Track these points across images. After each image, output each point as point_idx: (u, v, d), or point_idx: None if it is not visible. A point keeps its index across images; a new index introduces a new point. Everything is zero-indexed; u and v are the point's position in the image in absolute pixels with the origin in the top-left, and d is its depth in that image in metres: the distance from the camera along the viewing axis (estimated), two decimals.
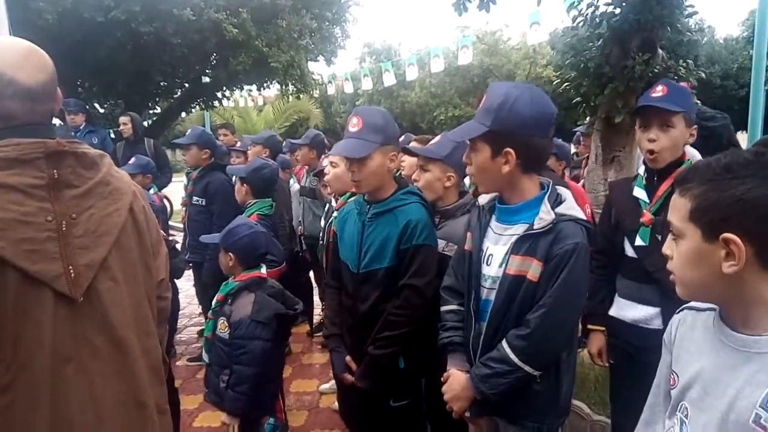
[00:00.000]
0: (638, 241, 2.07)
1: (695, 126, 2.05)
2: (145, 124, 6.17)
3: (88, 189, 1.31)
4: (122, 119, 6.30)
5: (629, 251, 2.12)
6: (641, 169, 2.17)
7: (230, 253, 2.50)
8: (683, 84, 2.73)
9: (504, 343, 1.66)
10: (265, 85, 12.36)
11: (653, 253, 1.99)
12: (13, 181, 1.19)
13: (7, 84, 1.25)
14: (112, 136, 7.49)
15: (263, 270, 2.56)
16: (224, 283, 2.56)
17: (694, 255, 0.96)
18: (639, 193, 2.12)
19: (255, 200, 3.37)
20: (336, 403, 3.49)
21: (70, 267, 1.23)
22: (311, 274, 5.14)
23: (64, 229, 1.24)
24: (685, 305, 1.12)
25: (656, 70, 3.16)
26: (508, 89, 1.64)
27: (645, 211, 2.06)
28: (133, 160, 4.41)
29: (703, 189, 0.93)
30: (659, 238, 1.99)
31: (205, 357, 2.54)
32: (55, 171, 1.24)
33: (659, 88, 2.09)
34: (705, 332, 1.03)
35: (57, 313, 1.21)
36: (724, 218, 0.90)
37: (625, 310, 2.14)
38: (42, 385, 1.20)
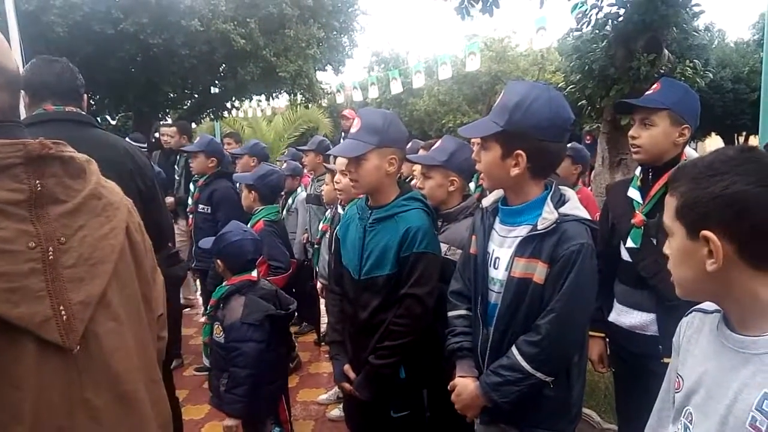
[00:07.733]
0: (629, 243, 2.01)
1: (686, 126, 1.96)
2: (157, 135, 6.27)
3: (78, 204, 1.02)
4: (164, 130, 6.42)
5: (625, 255, 2.06)
6: (637, 170, 2.12)
7: (218, 260, 2.57)
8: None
9: (514, 349, 1.62)
10: (273, 95, 12.48)
11: (647, 258, 1.95)
12: None
13: (1, 72, 1.00)
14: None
15: (254, 273, 2.57)
16: (218, 287, 2.58)
17: (682, 254, 0.96)
18: (633, 193, 2.07)
19: (262, 207, 3.40)
20: (333, 412, 3.51)
21: (61, 307, 0.94)
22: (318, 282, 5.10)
23: (51, 257, 0.95)
24: (693, 308, 1.09)
25: (662, 71, 3.13)
26: (527, 89, 1.61)
27: (637, 212, 2.01)
28: None
29: (688, 187, 0.93)
30: (654, 242, 1.93)
31: (205, 361, 2.56)
32: (38, 182, 0.95)
33: (654, 86, 2.05)
34: (710, 335, 1.00)
35: (42, 369, 0.92)
36: (704, 215, 0.90)
37: (622, 316, 2.08)
38: None
